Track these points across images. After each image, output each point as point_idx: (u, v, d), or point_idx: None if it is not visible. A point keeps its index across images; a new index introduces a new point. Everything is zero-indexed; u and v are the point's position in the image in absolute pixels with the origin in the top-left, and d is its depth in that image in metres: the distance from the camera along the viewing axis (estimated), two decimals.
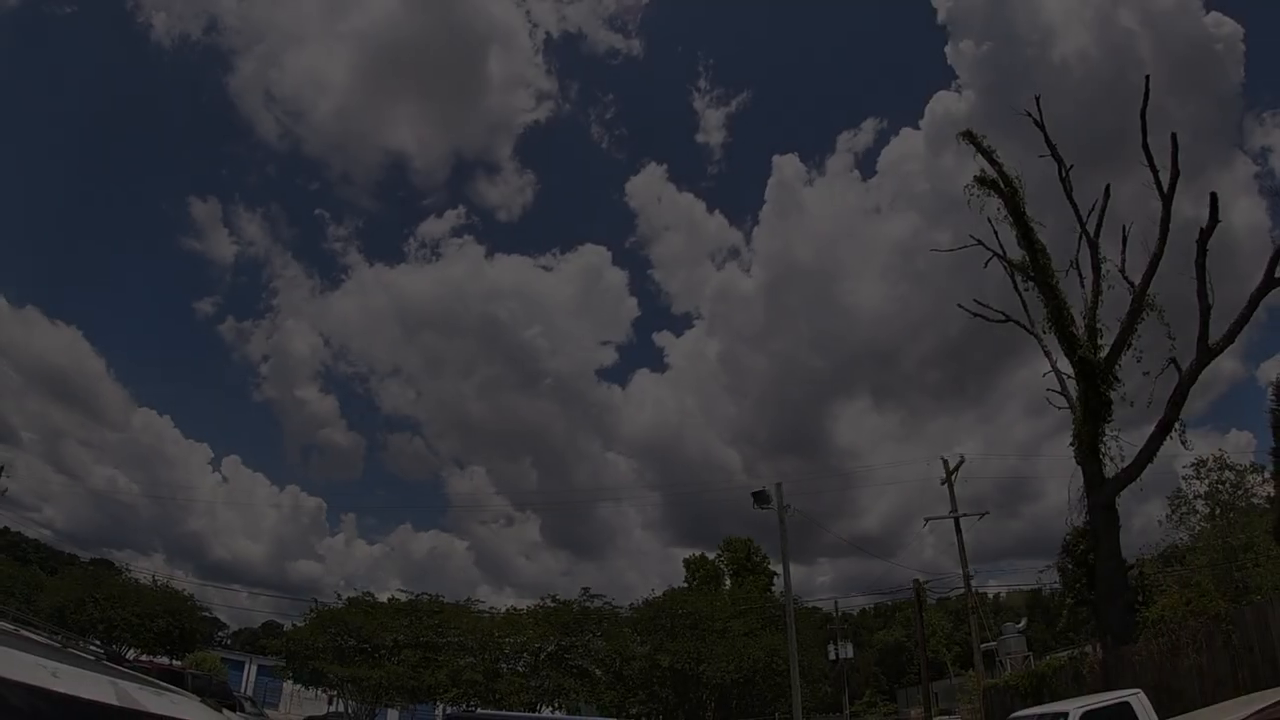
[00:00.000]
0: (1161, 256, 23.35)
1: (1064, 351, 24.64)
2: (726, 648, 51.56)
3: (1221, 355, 22.65)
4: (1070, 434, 24.79)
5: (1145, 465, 23.18)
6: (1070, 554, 24.39)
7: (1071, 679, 22.46)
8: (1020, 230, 25.16)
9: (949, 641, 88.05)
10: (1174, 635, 18.81)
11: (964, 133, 25.99)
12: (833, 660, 68.05)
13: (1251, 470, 32.12)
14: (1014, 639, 55.13)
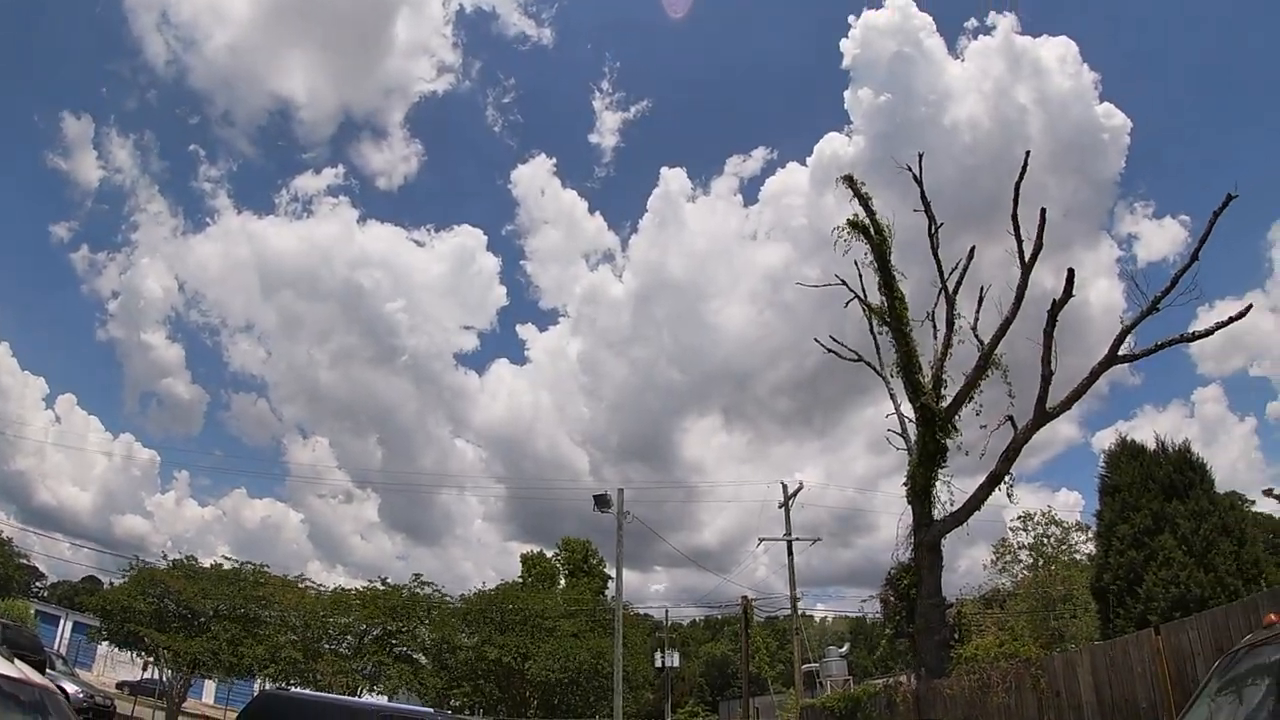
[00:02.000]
0: (1013, 321, 24.18)
1: (909, 397, 25.37)
2: (554, 646, 51.30)
3: (1058, 420, 23.64)
4: (905, 475, 25.54)
5: (972, 512, 24.05)
6: (894, 587, 25.01)
7: (885, 706, 22.97)
8: (883, 277, 25.87)
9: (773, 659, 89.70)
10: (985, 674, 19.41)
11: (845, 176, 26.45)
12: (659, 668, 68.51)
13: (1077, 528, 33.74)
14: (836, 662, 56.43)
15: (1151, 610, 22.41)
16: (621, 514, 38.19)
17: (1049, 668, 18.76)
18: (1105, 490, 25.96)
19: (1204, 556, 23.22)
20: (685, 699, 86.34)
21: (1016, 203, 23.91)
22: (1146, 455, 25.91)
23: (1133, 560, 23.80)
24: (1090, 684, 17.99)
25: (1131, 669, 17.31)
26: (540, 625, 52.97)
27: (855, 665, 66.99)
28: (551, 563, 76.45)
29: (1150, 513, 24.11)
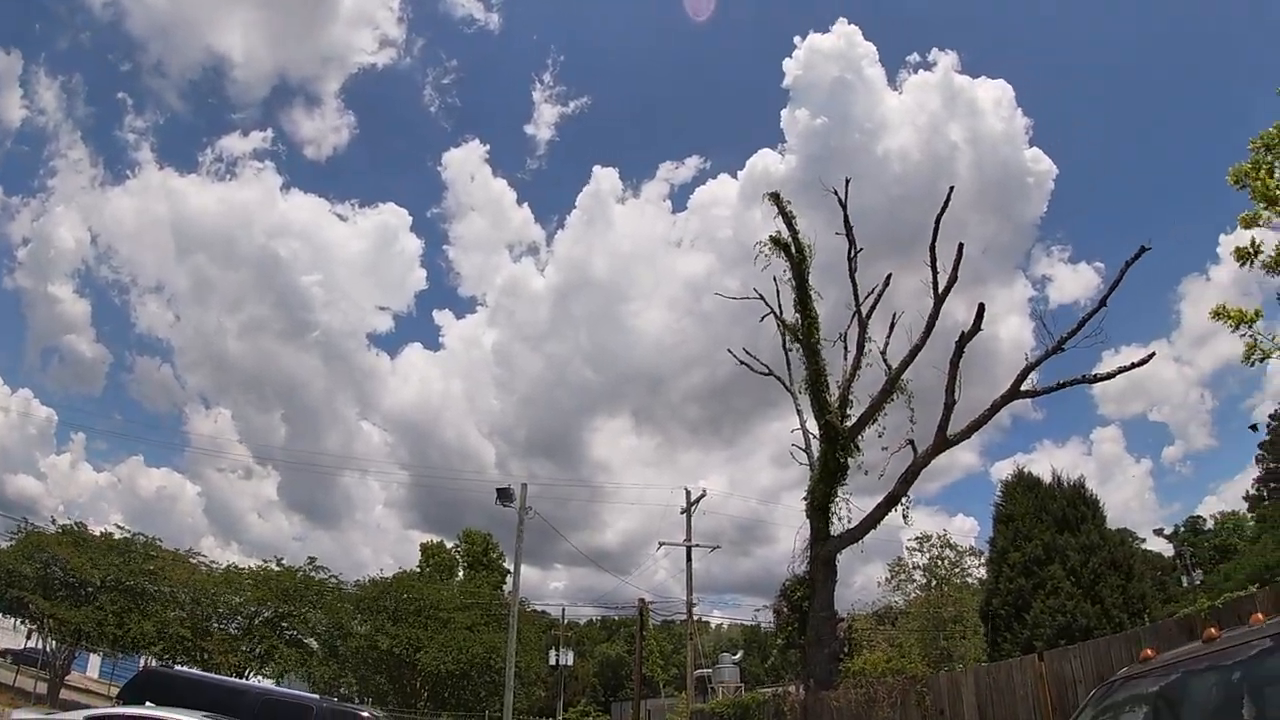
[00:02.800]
0: (922, 348, 24.63)
1: (814, 414, 25.68)
2: (447, 639, 50.95)
3: (959, 447, 24.16)
4: (806, 489, 25.87)
5: (868, 530, 24.46)
6: (787, 598, 25.29)
7: (773, 714, 23.17)
8: (799, 295, 26.12)
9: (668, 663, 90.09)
10: (872, 688, 19.68)
11: (772, 194, 26.65)
12: (553, 666, 68.27)
13: (970, 553, 34.54)
14: (728, 669, 56.86)
15: (1037, 636, 22.98)
16: (524, 509, 38.05)
17: (934, 686, 19.09)
18: (1000, 518, 26.72)
19: (1091, 588, 23.93)
20: (578, 698, 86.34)
21: (936, 235, 24.34)
22: (1042, 488, 26.71)
23: (1022, 587, 24.43)
24: (974, 704, 18.33)
25: (1014, 692, 17.70)
26: (435, 616, 52.54)
27: (748, 673, 67.61)
28: (451, 554, 75.59)
29: (1042, 543, 24.81)
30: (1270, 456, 66.77)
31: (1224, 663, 4.62)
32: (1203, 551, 63.71)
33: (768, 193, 26.74)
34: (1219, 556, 60.60)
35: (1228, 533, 66.20)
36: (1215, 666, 4.68)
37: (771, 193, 26.67)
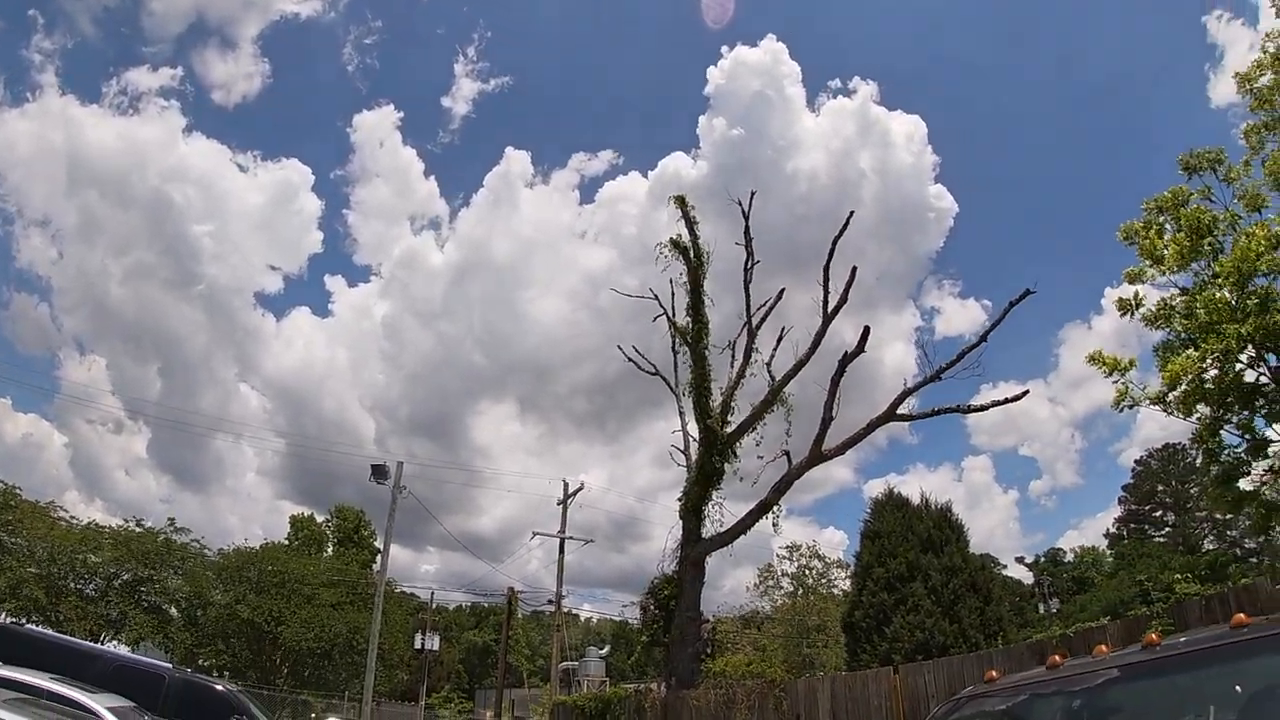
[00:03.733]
0: (806, 364, 25.35)
1: (696, 417, 26.17)
2: (310, 614, 49.97)
3: (834, 462, 24.89)
4: (681, 491, 26.27)
5: (738, 535, 25.03)
6: (655, 597, 25.54)
7: (634, 710, 23.31)
8: (693, 300, 26.66)
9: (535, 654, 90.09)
10: (731, 690, 19.99)
11: (678, 197, 27.06)
12: (418, 650, 67.41)
13: (838, 565, 35.33)
14: (595, 663, 57.25)
15: (896, 650, 23.58)
16: (398, 488, 37.49)
17: (792, 691, 19.47)
18: (867, 534, 27.36)
19: (950, 608, 24.65)
20: (442, 684, 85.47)
21: (831, 256, 24.97)
22: (910, 508, 27.44)
23: (884, 602, 25.03)
24: (829, 710, 18.73)
25: (869, 701, 18.15)
26: (299, 591, 51.39)
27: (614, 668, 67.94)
28: (321, 528, 73.68)
29: (906, 561, 25.46)
30: (1132, 499, 70.06)
31: (1070, 689, 4.74)
32: (1061, 582, 66.22)
33: (674, 196, 27.18)
34: (1076, 588, 63.12)
35: (1086, 566, 69.06)
36: (1062, 692, 4.81)
37: (678, 196, 27.02)
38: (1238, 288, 18.52)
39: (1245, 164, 21.46)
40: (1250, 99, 22.26)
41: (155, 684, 15.36)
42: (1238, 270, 18.28)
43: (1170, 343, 20.10)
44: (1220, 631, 4.53)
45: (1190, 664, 4.47)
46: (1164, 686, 4.44)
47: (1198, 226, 19.70)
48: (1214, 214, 20.24)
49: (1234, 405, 19.17)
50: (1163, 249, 20.22)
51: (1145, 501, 69.91)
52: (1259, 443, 19.38)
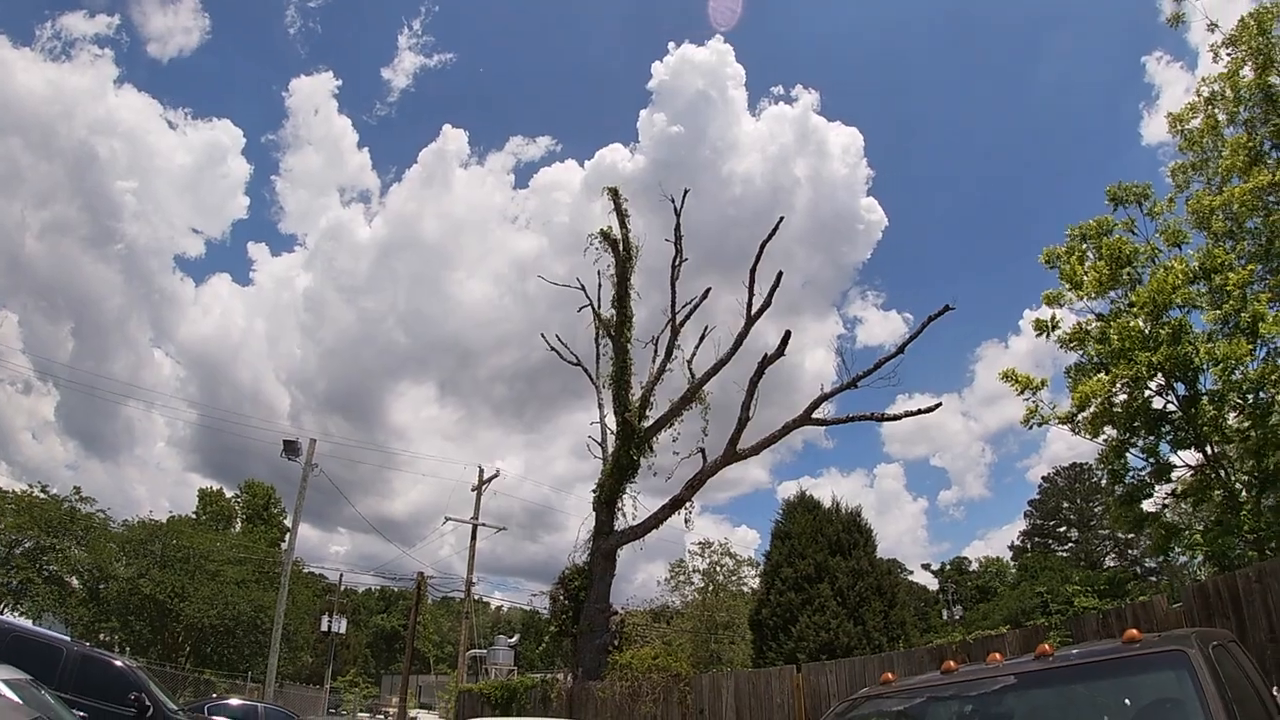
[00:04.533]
0: (726, 364, 25.57)
1: (615, 410, 26.38)
2: (214, 591, 49.12)
3: (750, 462, 25.18)
4: (596, 483, 26.38)
5: (650, 530, 25.25)
6: (565, 587, 25.61)
7: (540, 700, 23.33)
8: (619, 292, 26.92)
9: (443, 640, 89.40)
10: (637, 683, 20.10)
11: (611, 189, 27.17)
12: (324, 632, 66.51)
13: (748, 563, 35.73)
14: (504, 651, 57.04)
15: (801, 649, 23.96)
16: (309, 465, 36.89)
17: (696, 686, 19.65)
18: (778, 534, 27.77)
19: (855, 610, 25.12)
20: (348, 668, 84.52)
21: (759, 259, 25.25)
22: (821, 511, 27.91)
23: (791, 601, 25.40)
24: (733, 706, 18.94)
25: (772, 699, 18.39)
26: (204, 567, 50.44)
27: (522, 657, 67.90)
28: (230, 504, 72.33)
29: (815, 562, 25.89)
30: (1038, 514, 71.97)
31: (963, 694, 4.91)
32: (965, 589, 67.61)
33: (608, 187, 27.30)
34: (980, 596, 64.53)
35: (990, 576, 70.65)
36: (955, 696, 4.96)
37: (611, 188, 27.11)
38: (1152, 318, 19.22)
39: (1170, 201, 22.53)
40: (1180, 139, 23.33)
41: (52, 657, 15.01)
42: (1153, 301, 18.98)
43: (1083, 366, 20.73)
44: (1112, 645, 4.74)
45: (1081, 675, 4.67)
46: (1055, 696, 4.62)
47: (1118, 256, 20.39)
48: (1135, 246, 21.02)
49: (1140, 430, 19.82)
50: (1083, 275, 20.87)
51: (1050, 517, 71.93)
52: (1162, 467, 20.09)
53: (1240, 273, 19.14)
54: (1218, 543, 18.53)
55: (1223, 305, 19.32)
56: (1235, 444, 19.53)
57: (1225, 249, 20.55)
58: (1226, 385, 18.53)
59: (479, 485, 42.70)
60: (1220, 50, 22.44)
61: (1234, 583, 14.35)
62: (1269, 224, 20.43)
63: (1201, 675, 3.93)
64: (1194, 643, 4.26)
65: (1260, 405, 18.89)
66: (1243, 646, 6.48)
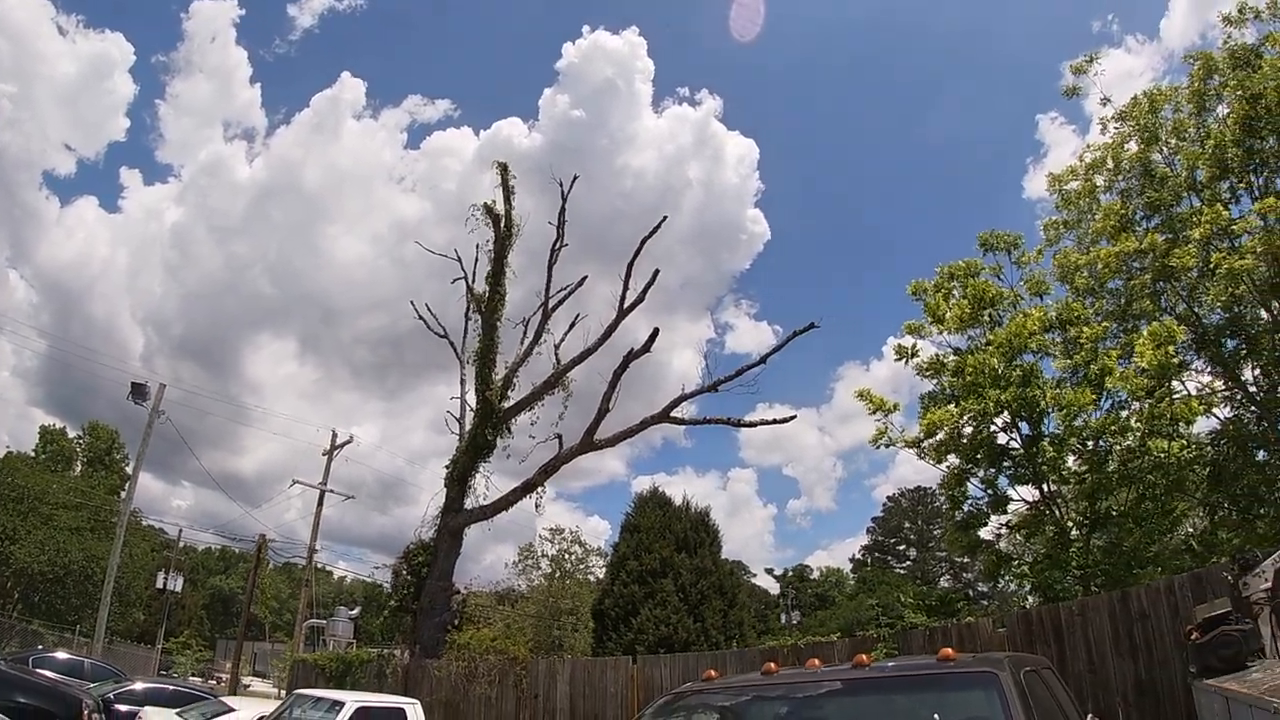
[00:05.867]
0: (593, 353, 25.85)
1: (476, 387, 26.09)
2: (47, 536, 47.12)
3: (608, 454, 25.59)
4: (450, 459, 26.15)
5: (500, 511, 25.35)
6: (409, 562, 25.29)
7: (376, 674, 23.11)
8: (495, 268, 26.62)
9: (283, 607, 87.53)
10: (474, 663, 20.16)
11: (501, 164, 26.92)
12: (160, 589, 64.26)
13: (597, 553, 36.09)
14: (343, 623, 56.13)
15: (640, 641, 24.37)
16: (156, 411, 35.48)
17: (533, 670, 19.91)
18: (628, 527, 28.17)
19: (696, 607, 25.67)
20: (182, 628, 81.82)
21: (637, 254, 25.65)
22: (671, 508, 28.44)
23: (634, 594, 25.80)
24: (567, 693, 19.26)
25: (606, 689, 18.78)
26: (38, 510, 48.27)
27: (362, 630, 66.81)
28: (72, 444, 69.18)
29: (660, 557, 26.36)
30: (880, 530, 74.53)
31: (780, 695, 5.07)
32: (805, 596, 69.45)
33: (498, 162, 27.02)
34: (818, 603, 66.34)
35: (830, 585, 72.70)
36: (772, 697, 5.12)
37: (501, 163, 26.96)
38: (1006, 359, 20.29)
39: (1039, 253, 24.11)
40: (1058, 198, 24.95)
41: None
42: (1009, 344, 20.07)
43: (935, 395, 21.64)
44: (928, 662, 5.04)
45: (894, 688, 4.92)
46: (866, 705, 4.80)
47: (982, 298, 21.44)
48: (1000, 290, 22.23)
49: (982, 461, 20.79)
50: (946, 310, 21.86)
51: (891, 535, 74.68)
52: (1000, 499, 21.11)
53: (1095, 328, 20.49)
54: (1044, 575, 19.58)
55: (1074, 355, 20.62)
56: (1071, 485, 20.72)
57: (1084, 304, 21.92)
58: (1068, 430, 19.63)
59: (331, 450, 41.67)
60: (1109, 123, 24.02)
61: (1057, 614, 15.31)
62: (1129, 287, 21.81)
63: (1010, 697, 4.11)
64: (1006, 666, 4.46)
65: (1098, 453, 20.10)
66: (1057, 674, 6.89)
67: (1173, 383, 19.95)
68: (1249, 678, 8.47)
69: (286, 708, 13.38)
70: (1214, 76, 21.62)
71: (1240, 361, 21.49)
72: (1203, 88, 21.77)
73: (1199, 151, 21.22)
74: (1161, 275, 20.98)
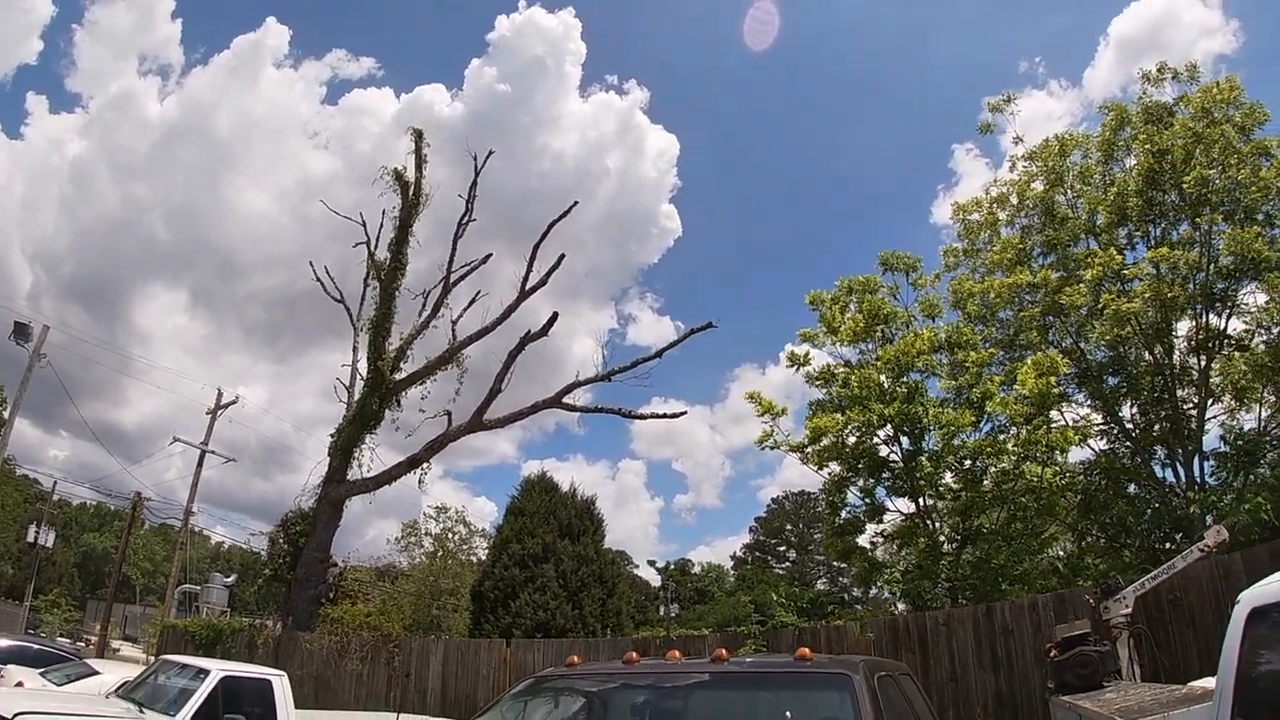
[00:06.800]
0: (490, 332, 25.73)
1: (369, 356, 25.60)
2: None
3: (500, 435, 25.59)
4: (337, 427, 25.66)
5: (382, 484, 25.05)
6: (286, 530, 24.70)
7: (247, 644, 22.69)
8: (398, 236, 26.11)
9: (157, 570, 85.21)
10: (346, 638, 20.00)
11: (416, 131, 26.54)
12: (30, 543, 61.99)
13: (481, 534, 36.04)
14: (218, 590, 55.06)
15: (518, 625, 24.43)
16: (38, 354, 33.91)
17: (406, 648, 19.87)
18: (512, 510, 28.19)
19: (575, 594, 25.83)
20: (52, 586, 79.15)
21: (544, 237, 25.77)
22: (558, 494, 28.54)
23: (515, 577, 25.83)
24: (439, 673, 19.35)
25: (479, 670, 18.94)
26: None
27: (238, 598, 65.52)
28: None
29: (543, 542, 26.44)
30: (762, 530, 75.82)
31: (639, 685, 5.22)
32: (686, 590, 70.01)
33: (414, 128, 26.65)
34: (698, 598, 66.85)
35: (710, 580, 73.42)
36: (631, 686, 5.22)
37: (417, 130, 26.65)
38: (894, 375, 21.01)
39: (936, 277, 25.27)
40: (960, 227, 25.86)
41: None
42: (898, 361, 20.89)
43: (823, 404, 22.22)
44: (785, 661, 5.09)
45: (750, 684, 5.04)
46: (720, 699, 4.93)
47: (876, 314, 22.23)
48: (895, 309, 23.07)
49: (863, 471, 21.47)
50: (841, 323, 22.51)
51: (773, 535, 75.77)
52: (877, 508, 21.87)
53: (982, 354, 21.40)
54: (914, 584, 20.30)
55: (959, 378, 21.40)
56: (946, 501, 21.50)
57: (973, 330, 22.77)
58: (947, 448, 20.41)
59: (215, 409, 40.35)
60: (1019, 161, 25.05)
61: (924, 622, 15.90)
62: (1019, 318, 22.79)
63: (861, 700, 4.20)
64: (860, 669, 4.55)
65: (974, 472, 20.91)
66: (916, 681, 7.10)
67: (1051, 412, 20.86)
68: (1103, 697, 8.94)
69: (151, 673, 13.16)
70: (1126, 128, 22.69)
71: (1120, 399, 22.61)
72: (1113, 138, 22.84)
73: (1101, 197, 22.25)
74: (1051, 310, 21.95)
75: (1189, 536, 17.53)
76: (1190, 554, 11.54)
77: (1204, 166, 19.90)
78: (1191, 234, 20.48)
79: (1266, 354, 18.90)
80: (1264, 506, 16.99)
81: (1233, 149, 20.14)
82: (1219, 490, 19.56)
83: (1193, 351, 21.08)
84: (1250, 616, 4.01)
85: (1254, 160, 20.24)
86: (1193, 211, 20.54)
